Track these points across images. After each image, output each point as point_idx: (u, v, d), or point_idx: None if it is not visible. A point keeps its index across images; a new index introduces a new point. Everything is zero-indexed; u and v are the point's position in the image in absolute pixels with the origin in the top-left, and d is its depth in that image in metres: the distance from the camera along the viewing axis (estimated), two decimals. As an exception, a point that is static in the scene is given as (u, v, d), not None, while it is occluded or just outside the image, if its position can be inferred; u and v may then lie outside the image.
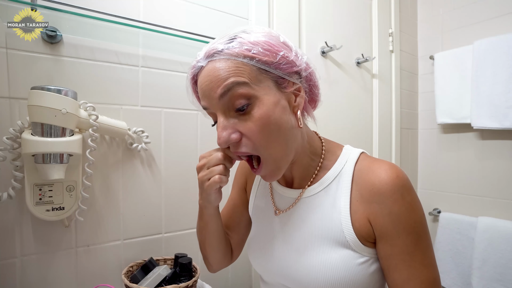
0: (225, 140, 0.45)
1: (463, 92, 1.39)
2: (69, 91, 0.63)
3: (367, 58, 1.32)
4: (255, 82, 0.44)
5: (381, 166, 0.50)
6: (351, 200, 0.50)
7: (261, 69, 0.45)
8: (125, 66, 0.79)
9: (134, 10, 0.79)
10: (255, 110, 0.44)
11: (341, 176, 0.52)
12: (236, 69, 0.43)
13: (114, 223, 0.78)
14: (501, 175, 1.33)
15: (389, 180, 0.47)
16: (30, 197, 0.64)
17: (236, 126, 0.45)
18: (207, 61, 0.45)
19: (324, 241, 0.51)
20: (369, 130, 1.41)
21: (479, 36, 1.36)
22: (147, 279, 0.70)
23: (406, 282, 0.47)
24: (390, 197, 0.47)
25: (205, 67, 0.46)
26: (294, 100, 0.49)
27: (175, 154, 0.87)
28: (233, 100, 0.44)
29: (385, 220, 0.47)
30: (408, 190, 0.48)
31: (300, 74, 0.49)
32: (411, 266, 0.47)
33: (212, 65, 0.45)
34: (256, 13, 1.01)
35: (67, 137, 0.63)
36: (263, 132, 0.44)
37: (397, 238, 0.47)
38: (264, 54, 0.44)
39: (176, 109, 0.87)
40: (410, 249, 0.47)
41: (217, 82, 0.44)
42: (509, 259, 1.18)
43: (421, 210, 0.49)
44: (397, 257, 0.47)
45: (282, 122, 0.46)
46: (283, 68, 0.46)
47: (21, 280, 0.66)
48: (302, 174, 0.55)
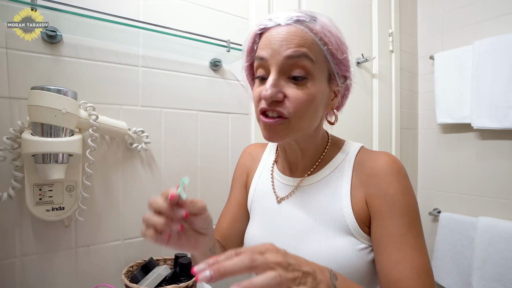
0: (271, 95, 0.46)
1: (463, 92, 1.39)
2: (69, 91, 0.63)
3: (367, 58, 1.32)
4: (318, 64, 0.48)
5: (379, 153, 0.54)
6: (352, 186, 0.53)
7: (326, 58, 0.49)
8: (125, 66, 0.79)
9: (134, 10, 0.79)
10: (308, 85, 0.48)
11: (343, 167, 0.55)
12: (311, 44, 0.47)
13: (114, 223, 0.78)
14: (501, 175, 1.33)
15: (385, 163, 0.51)
16: (30, 197, 0.64)
17: (284, 88, 0.48)
18: (288, 22, 0.47)
19: (325, 227, 0.52)
20: (369, 130, 1.41)
21: (479, 36, 1.36)
22: (147, 279, 0.70)
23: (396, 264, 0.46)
24: (386, 179, 0.50)
25: (283, 26, 0.48)
26: (332, 98, 0.53)
27: (175, 154, 0.87)
28: (295, 66, 0.47)
29: (380, 201, 0.50)
30: (403, 175, 0.51)
31: (346, 80, 0.53)
32: (401, 248, 0.47)
33: (293, 28, 0.47)
34: (256, 13, 1.01)
35: (67, 137, 0.63)
36: (305, 105, 0.48)
37: (389, 218, 0.48)
38: (335, 47, 0.49)
39: (176, 109, 0.87)
40: (402, 231, 0.47)
41: (291, 43, 0.46)
42: (509, 259, 1.18)
43: (414, 197, 0.51)
44: (387, 238, 0.48)
45: (319, 107, 0.50)
46: (341, 67, 0.51)
47: (21, 280, 0.66)
48: (307, 162, 0.58)
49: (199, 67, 0.91)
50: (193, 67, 0.90)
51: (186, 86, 0.89)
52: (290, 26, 0.47)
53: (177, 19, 0.86)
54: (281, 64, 0.47)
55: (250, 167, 0.70)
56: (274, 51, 0.47)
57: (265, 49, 0.48)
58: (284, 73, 0.48)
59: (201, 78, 0.92)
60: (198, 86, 0.91)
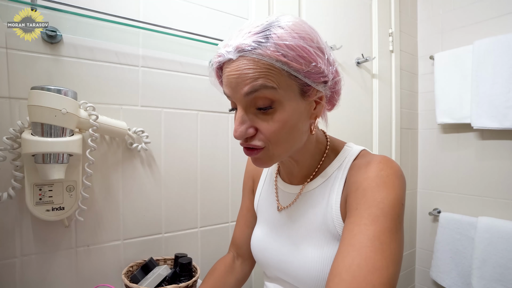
0: (241, 133, 0.46)
1: (463, 92, 1.39)
2: (69, 91, 0.63)
3: (367, 58, 1.32)
4: (282, 86, 0.44)
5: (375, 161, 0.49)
6: (342, 193, 0.51)
7: (291, 75, 0.44)
8: (125, 66, 0.79)
9: (134, 10, 0.79)
10: (276, 114, 0.45)
11: (338, 172, 0.53)
12: (267, 72, 0.43)
13: (114, 223, 0.78)
14: (501, 175, 1.33)
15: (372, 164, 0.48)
16: (30, 197, 0.64)
17: (253, 122, 0.46)
18: (238, 55, 0.44)
19: (320, 234, 0.52)
20: (369, 130, 1.41)
21: (479, 36, 1.36)
22: (147, 279, 0.70)
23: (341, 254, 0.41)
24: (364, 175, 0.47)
25: (234, 60, 0.44)
26: (314, 107, 0.50)
27: (175, 154, 0.87)
28: (257, 99, 0.45)
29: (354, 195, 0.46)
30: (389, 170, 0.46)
31: (327, 83, 0.49)
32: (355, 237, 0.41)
33: (243, 61, 0.43)
34: (256, 13, 1.01)
35: (67, 137, 0.63)
36: (277, 133, 0.46)
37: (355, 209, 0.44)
38: (297, 62, 0.43)
39: (176, 109, 0.87)
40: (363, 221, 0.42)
41: (245, 80, 0.44)
42: (509, 259, 1.18)
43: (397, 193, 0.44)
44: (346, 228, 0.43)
45: (296, 128, 0.48)
46: (312, 77, 0.46)
47: (21, 280, 0.66)
48: (305, 172, 0.57)
49: (199, 67, 0.91)
50: (193, 67, 0.90)
51: (186, 86, 0.89)
52: (241, 59, 0.44)
53: (177, 19, 0.86)
54: (244, 101, 0.45)
55: (255, 173, 0.71)
56: (233, 90, 0.46)
57: (227, 87, 0.47)
58: (251, 106, 0.46)
59: (201, 78, 0.92)
60: (198, 86, 0.91)
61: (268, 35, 0.43)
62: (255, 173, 0.71)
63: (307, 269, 0.50)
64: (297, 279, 0.53)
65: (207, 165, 0.93)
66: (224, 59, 0.46)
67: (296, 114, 0.47)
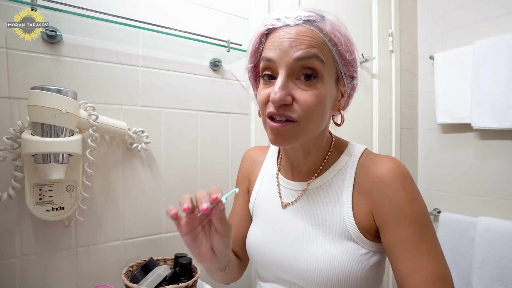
0: (280, 98, 0.45)
1: (463, 92, 1.39)
2: (69, 91, 0.63)
3: (367, 58, 1.32)
4: (328, 64, 0.47)
5: (383, 158, 0.52)
6: (353, 192, 0.52)
7: (335, 59, 0.48)
8: (125, 66, 0.79)
9: (134, 10, 0.79)
10: (318, 86, 0.46)
11: (346, 170, 0.54)
12: (321, 45, 0.46)
13: (114, 223, 0.78)
14: (501, 175, 1.33)
15: (390, 170, 0.49)
16: (30, 197, 0.64)
17: (292, 91, 0.46)
18: (297, 23, 0.46)
19: (326, 232, 0.51)
20: (369, 130, 1.41)
21: (479, 36, 1.36)
22: (147, 279, 0.70)
23: (411, 274, 0.45)
24: (391, 187, 0.48)
25: (292, 26, 0.46)
26: (339, 98, 0.52)
27: (175, 154, 0.87)
28: (304, 67, 0.45)
29: (385, 210, 0.48)
30: (409, 181, 0.49)
31: (353, 80, 0.52)
32: (415, 257, 0.45)
33: (302, 28, 0.46)
34: (256, 13, 1.01)
35: (67, 137, 0.63)
36: (314, 106, 0.46)
37: (399, 227, 0.47)
38: (344, 48, 0.47)
39: (176, 109, 0.87)
40: (413, 239, 0.46)
41: (301, 44, 0.45)
42: (509, 259, 1.18)
43: (423, 202, 0.49)
44: (400, 248, 0.46)
45: (327, 109, 0.49)
46: (349, 68, 0.50)
47: (21, 280, 0.66)
48: (311, 166, 0.57)
49: (199, 67, 0.91)
50: (193, 67, 0.90)
51: (186, 86, 0.89)
52: (299, 27, 0.46)
53: (177, 19, 0.86)
54: (290, 65, 0.45)
55: (251, 171, 0.70)
56: (283, 53, 0.45)
57: (273, 50, 0.46)
58: (293, 75, 0.46)
59: (201, 78, 0.92)
60: (198, 86, 0.91)
61: (324, 17, 0.47)
62: (251, 172, 0.70)
63: (313, 266, 0.50)
64: (301, 277, 0.52)
65: (207, 165, 0.93)
66: (281, 24, 0.47)
67: (329, 94, 0.49)
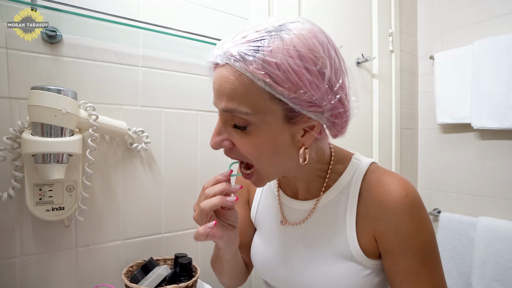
0: (216, 144, 0.44)
1: (463, 92, 1.39)
2: (69, 91, 0.63)
3: (367, 58, 1.32)
4: (261, 110, 0.40)
5: (391, 181, 0.47)
6: (358, 215, 0.49)
7: (275, 97, 0.39)
8: (125, 66, 0.79)
9: (134, 10, 0.79)
10: (250, 136, 0.42)
11: (349, 189, 0.50)
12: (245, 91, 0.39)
13: (114, 223, 0.78)
14: (501, 175, 1.33)
15: (398, 198, 0.46)
16: (30, 197, 0.63)
17: (231, 135, 0.44)
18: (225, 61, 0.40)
19: (330, 253, 0.51)
20: (369, 130, 1.41)
21: (479, 36, 1.36)
22: (147, 279, 0.70)
23: None
24: (398, 216, 0.45)
25: (221, 66, 0.41)
26: (302, 134, 0.44)
27: (175, 154, 0.87)
28: (234, 116, 0.42)
29: (390, 239, 0.46)
30: (417, 209, 0.46)
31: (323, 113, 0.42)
32: (416, 285, 0.45)
33: (227, 70, 0.40)
34: (256, 13, 1.01)
35: (67, 137, 0.63)
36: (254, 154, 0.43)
37: (403, 257, 0.46)
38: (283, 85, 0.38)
39: (176, 109, 0.87)
40: (416, 268, 0.45)
41: (223, 95, 0.41)
42: (509, 259, 1.18)
43: (431, 229, 0.47)
44: (402, 276, 0.46)
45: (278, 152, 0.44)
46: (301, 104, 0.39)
47: (21, 280, 0.66)
48: (307, 188, 0.54)
49: (199, 67, 0.91)
50: (193, 67, 0.90)
51: (186, 86, 0.89)
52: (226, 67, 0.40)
53: (177, 19, 0.86)
54: (222, 113, 0.43)
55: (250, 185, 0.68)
56: (215, 98, 0.43)
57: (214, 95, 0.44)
58: (229, 120, 0.43)
59: (201, 78, 0.92)
60: (198, 86, 0.91)
61: (260, 47, 0.38)
62: (250, 185, 0.68)
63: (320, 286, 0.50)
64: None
65: (207, 165, 0.93)
66: (213, 61, 0.42)
67: (276, 140, 0.42)
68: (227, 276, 0.63)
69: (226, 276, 0.63)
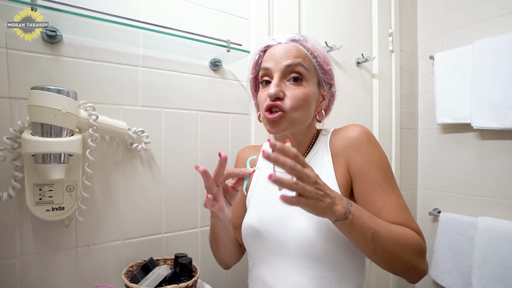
0: (275, 92, 0.59)
1: (463, 92, 1.39)
2: (69, 91, 0.63)
3: (367, 58, 1.32)
4: (310, 71, 0.63)
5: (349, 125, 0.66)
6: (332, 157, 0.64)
7: (316, 68, 0.64)
8: (125, 66, 0.79)
9: (134, 10, 0.79)
10: (303, 85, 0.61)
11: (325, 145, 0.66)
12: (304, 57, 0.62)
13: (114, 223, 0.78)
14: (501, 175, 1.33)
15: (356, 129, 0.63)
16: (30, 197, 0.64)
17: (284, 89, 0.61)
18: (287, 41, 0.63)
19: None
20: (369, 130, 1.41)
21: (479, 36, 1.36)
22: (147, 279, 0.70)
23: (381, 209, 0.57)
24: (358, 140, 0.61)
25: (283, 44, 0.63)
26: (321, 100, 0.67)
27: (175, 154, 0.87)
28: (292, 71, 0.61)
29: (357, 159, 0.61)
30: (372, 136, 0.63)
31: (331, 87, 0.68)
32: (383, 195, 0.58)
33: (290, 45, 0.62)
34: (256, 13, 1.01)
35: (67, 137, 0.63)
36: (300, 101, 0.60)
37: (368, 173, 0.59)
38: (322, 61, 0.64)
39: (176, 109, 0.87)
40: (380, 181, 0.58)
41: (290, 55, 0.61)
42: (509, 259, 1.18)
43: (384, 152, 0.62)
44: (369, 189, 0.59)
45: (311, 105, 0.63)
46: (327, 76, 0.66)
47: (21, 280, 0.66)
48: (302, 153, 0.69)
49: (199, 67, 0.91)
50: (193, 67, 0.90)
51: (186, 86, 0.89)
52: (288, 44, 0.62)
53: (177, 19, 0.86)
54: (282, 70, 0.61)
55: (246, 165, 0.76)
56: (276, 62, 0.61)
57: (269, 61, 0.62)
58: (284, 77, 0.61)
59: (201, 78, 0.92)
60: (198, 86, 0.91)
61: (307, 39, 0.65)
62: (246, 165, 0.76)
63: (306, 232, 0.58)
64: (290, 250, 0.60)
65: (207, 165, 0.93)
66: (275, 42, 0.64)
67: (313, 94, 0.63)
68: (222, 250, 0.72)
69: (221, 249, 0.72)
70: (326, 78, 0.66)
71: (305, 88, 0.61)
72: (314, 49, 0.63)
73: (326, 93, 0.67)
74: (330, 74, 0.66)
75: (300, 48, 0.62)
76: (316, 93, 0.64)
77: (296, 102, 0.60)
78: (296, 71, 0.60)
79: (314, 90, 0.63)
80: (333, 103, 0.71)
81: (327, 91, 0.67)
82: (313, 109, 0.64)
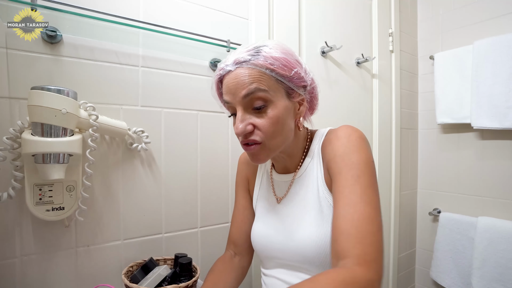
0: (242, 129, 0.54)
1: (463, 92, 1.39)
2: (69, 91, 0.63)
3: (367, 58, 1.32)
4: (272, 89, 0.54)
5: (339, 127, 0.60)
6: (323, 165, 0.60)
7: (278, 80, 0.55)
8: (125, 66, 0.79)
9: (134, 10, 0.79)
10: (269, 110, 0.55)
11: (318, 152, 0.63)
12: (259, 77, 0.53)
13: (114, 223, 0.78)
14: (501, 175, 1.33)
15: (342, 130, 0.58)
16: (30, 197, 0.64)
17: (251, 120, 0.55)
18: (236, 66, 0.55)
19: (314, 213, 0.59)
20: (369, 130, 1.41)
21: (479, 36, 1.36)
22: (147, 279, 0.70)
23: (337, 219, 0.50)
24: (339, 142, 0.57)
25: (233, 71, 0.55)
26: (298, 108, 0.60)
27: (175, 154, 0.87)
28: (253, 100, 0.54)
29: (333, 162, 0.56)
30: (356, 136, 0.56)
31: (306, 88, 0.59)
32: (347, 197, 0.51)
33: (240, 70, 0.54)
34: (256, 13, 1.01)
35: (67, 137, 0.63)
36: (272, 127, 0.55)
37: (339, 174, 0.54)
38: (281, 69, 0.54)
39: (176, 109, 0.87)
40: (349, 182, 0.52)
41: (243, 85, 0.53)
42: (509, 259, 1.18)
43: (367, 154, 0.55)
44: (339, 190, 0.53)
45: (286, 123, 0.57)
46: (295, 81, 0.57)
47: (21, 280, 0.66)
48: (294, 163, 0.66)
49: (199, 67, 0.91)
50: (193, 67, 0.90)
51: (186, 86, 0.89)
52: (237, 70, 0.54)
53: (177, 19, 0.86)
54: (242, 103, 0.55)
55: (249, 171, 0.76)
56: (233, 95, 0.55)
57: (227, 94, 0.56)
58: (248, 107, 0.55)
59: (201, 78, 0.92)
60: (198, 86, 0.91)
61: (259, 51, 0.55)
62: (248, 172, 0.77)
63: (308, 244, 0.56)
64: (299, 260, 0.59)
65: (207, 165, 0.93)
66: (224, 71, 0.56)
67: (285, 112, 0.56)
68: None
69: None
70: (295, 84, 0.57)
71: (272, 111, 0.54)
72: (268, 61, 0.53)
73: (302, 97, 0.59)
74: (298, 77, 0.57)
75: (251, 69, 0.53)
76: (288, 106, 0.57)
77: (267, 130, 0.55)
78: (255, 98, 0.53)
79: (284, 106, 0.56)
80: (317, 99, 0.65)
81: (302, 94, 0.59)
82: (291, 123, 0.59)
